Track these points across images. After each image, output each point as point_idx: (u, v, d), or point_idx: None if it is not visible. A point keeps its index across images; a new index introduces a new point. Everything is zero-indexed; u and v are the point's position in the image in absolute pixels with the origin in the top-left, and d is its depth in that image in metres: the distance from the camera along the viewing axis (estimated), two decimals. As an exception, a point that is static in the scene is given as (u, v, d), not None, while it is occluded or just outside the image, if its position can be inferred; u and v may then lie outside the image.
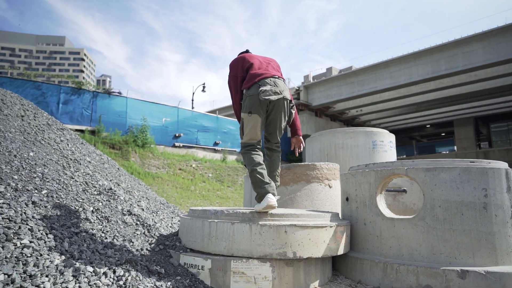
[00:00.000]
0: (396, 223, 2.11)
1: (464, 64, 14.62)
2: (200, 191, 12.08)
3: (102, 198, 2.66)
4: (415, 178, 2.08)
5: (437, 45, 15.34)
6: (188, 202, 10.49)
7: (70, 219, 2.05)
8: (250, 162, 2.29)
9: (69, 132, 4.10)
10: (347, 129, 4.33)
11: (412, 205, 3.10)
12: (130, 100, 14.29)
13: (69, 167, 2.95)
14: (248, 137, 2.39)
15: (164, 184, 11.77)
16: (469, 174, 1.98)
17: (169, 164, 13.65)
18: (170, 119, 15.45)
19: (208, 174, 14.36)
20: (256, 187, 2.20)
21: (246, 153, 2.36)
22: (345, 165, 4.13)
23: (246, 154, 2.36)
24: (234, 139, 18.32)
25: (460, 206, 1.96)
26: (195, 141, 16.29)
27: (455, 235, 1.94)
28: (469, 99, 19.38)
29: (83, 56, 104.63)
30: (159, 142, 14.66)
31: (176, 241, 2.21)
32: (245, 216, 1.99)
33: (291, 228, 1.90)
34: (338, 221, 2.19)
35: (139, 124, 13.78)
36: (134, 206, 2.96)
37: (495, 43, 14.05)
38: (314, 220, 2.04)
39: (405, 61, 16.48)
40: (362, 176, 2.35)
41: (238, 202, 11.67)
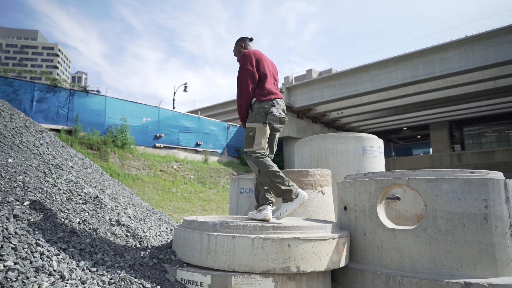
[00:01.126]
0: (397, 234, 2.09)
1: (441, 70, 15.10)
2: (182, 193, 11.84)
3: (88, 207, 2.50)
4: (417, 189, 2.07)
5: (416, 51, 15.77)
6: (170, 204, 10.25)
7: (56, 233, 1.90)
8: (267, 166, 2.35)
9: (48, 135, 3.87)
10: (337, 134, 4.32)
11: (405, 212, 3.11)
12: (109, 99, 13.84)
13: (50, 174, 2.76)
14: (259, 146, 2.41)
15: (145, 186, 11.46)
16: (470, 185, 1.99)
17: (149, 166, 13.31)
18: (150, 119, 15.09)
19: (189, 176, 14.12)
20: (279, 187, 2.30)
21: (260, 158, 2.38)
22: (336, 170, 4.12)
23: (259, 159, 2.38)
24: (216, 140, 18.14)
25: (462, 217, 1.96)
26: (176, 141, 15.99)
27: (457, 246, 1.94)
28: (444, 104, 20.07)
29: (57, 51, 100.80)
30: (139, 143, 14.28)
31: (171, 254, 2.09)
32: (246, 229, 1.90)
33: (295, 242, 1.84)
34: (339, 232, 2.14)
35: (119, 124, 13.36)
36: (122, 214, 2.81)
37: (470, 51, 14.60)
38: (317, 232, 1.98)
39: (386, 66, 16.85)
40: (361, 186, 2.32)
41: (221, 204, 11.53)
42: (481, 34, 14.29)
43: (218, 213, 10.38)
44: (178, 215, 9.26)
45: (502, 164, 20.98)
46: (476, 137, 26.58)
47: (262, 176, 2.37)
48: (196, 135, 17.04)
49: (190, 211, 9.92)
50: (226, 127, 19.09)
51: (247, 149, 2.43)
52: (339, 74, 18.42)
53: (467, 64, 14.52)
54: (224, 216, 2.79)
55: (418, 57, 15.82)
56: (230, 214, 5.89)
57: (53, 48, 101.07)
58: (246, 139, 2.45)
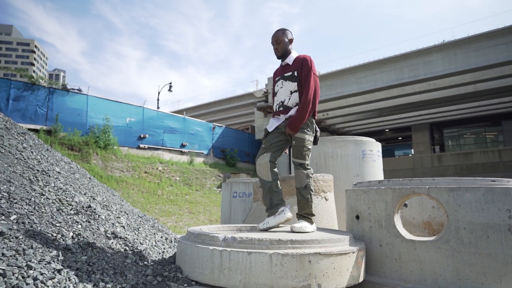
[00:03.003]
0: (417, 245, 1.99)
1: (425, 73, 15.39)
2: (167, 196, 11.53)
3: (81, 218, 2.28)
4: (438, 198, 1.98)
5: (401, 54, 16.02)
6: (156, 207, 9.95)
7: (48, 250, 1.69)
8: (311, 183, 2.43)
9: (31, 137, 3.59)
10: (336, 138, 4.23)
11: (412, 219, 3.04)
12: (91, 98, 13.34)
13: (37, 181, 2.52)
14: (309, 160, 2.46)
15: (129, 188, 11.09)
16: (493, 195, 1.91)
17: (133, 167, 12.91)
18: (134, 119, 14.66)
19: (175, 178, 13.80)
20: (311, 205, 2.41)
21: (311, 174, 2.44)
22: (335, 175, 4.02)
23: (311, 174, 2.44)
24: (201, 141, 17.86)
25: (486, 228, 1.87)
26: (161, 142, 15.62)
27: (481, 259, 1.85)
28: (427, 106, 20.51)
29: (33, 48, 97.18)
30: (123, 144, 13.85)
31: (177, 271, 1.91)
32: (263, 243, 1.75)
33: (316, 257, 1.70)
34: (357, 244, 2.02)
35: (101, 124, 12.90)
36: (116, 225, 2.60)
37: (453, 55, 14.95)
38: (336, 246, 1.85)
39: (371, 68, 17.03)
40: (377, 194, 2.21)
41: (208, 207, 11.31)
42: (463, 39, 14.65)
43: (206, 216, 10.15)
44: (165, 218, 8.98)
45: (479, 165, 21.63)
46: (455, 139, 27.36)
47: (306, 191, 2.37)
48: (181, 135, 16.71)
49: (177, 214, 9.65)
50: (212, 127, 18.84)
51: (300, 160, 2.39)
52: (325, 75, 18.50)
53: (450, 68, 14.86)
54: (227, 226, 2.63)
55: (402, 60, 16.07)
56: (223, 219, 5.71)
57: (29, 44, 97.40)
58: (297, 149, 2.39)
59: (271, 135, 2.50)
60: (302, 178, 2.38)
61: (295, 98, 2.48)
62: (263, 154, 2.43)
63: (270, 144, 2.45)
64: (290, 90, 2.48)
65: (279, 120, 2.54)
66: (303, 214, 2.39)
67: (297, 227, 2.20)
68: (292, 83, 2.48)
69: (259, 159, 2.44)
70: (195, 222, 9.11)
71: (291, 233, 2.16)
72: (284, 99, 2.50)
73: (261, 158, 2.43)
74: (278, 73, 2.65)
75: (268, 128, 2.55)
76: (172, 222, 8.62)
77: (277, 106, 2.56)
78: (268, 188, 2.40)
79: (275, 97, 2.62)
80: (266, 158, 2.40)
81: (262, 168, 2.42)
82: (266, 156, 2.41)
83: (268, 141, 2.47)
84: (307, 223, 2.30)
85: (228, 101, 25.75)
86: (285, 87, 2.52)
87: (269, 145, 2.44)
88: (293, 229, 2.20)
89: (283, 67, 2.59)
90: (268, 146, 2.44)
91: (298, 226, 2.22)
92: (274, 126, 2.51)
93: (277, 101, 2.58)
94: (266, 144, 2.46)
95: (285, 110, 2.50)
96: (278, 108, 2.55)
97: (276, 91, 2.62)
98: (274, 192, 2.41)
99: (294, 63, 2.50)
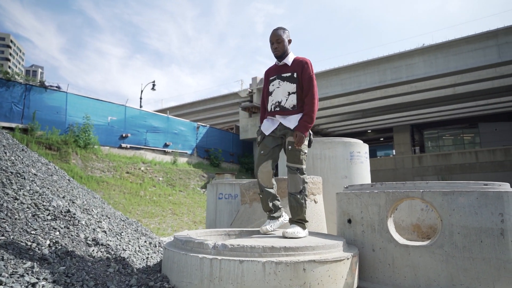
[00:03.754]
0: (411, 250, 1.95)
1: (407, 76, 15.70)
2: (150, 197, 11.28)
3: (59, 224, 2.13)
4: (432, 202, 1.95)
5: (384, 56, 16.28)
6: (138, 209, 9.69)
7: (22, 262, 1.55)
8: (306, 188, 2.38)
9: (5, 136, 3.38)
10: (325, 139, 4.19)
11: (401, 222, 3.02)
12: (70, 96, 12.89)
13: (10, 184, 2.34)
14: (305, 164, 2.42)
15: (110, 189, 10.76)
16: (486, 199, 1.89)
17: (115, 167, 12.56)
18: (116, 117, 14.27)
19: (158, 178, 13.53)
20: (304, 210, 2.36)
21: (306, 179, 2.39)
22: (324, 176, 3.98)
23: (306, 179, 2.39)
24: (185, 141, 17.60)
25: (479, 233, 1.86)
26: (143, 142, 15.28)
27: (475, 264, 1.83)
28: (408, 108, 20.94)
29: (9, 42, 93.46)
30: (104, 143, 13.46)
31: (163, 281, 1.80)
32: (255, 251, 1.67)
33: (310, 265, 1.63)
34: (351, 250, 1.97)
35: (81, 122, 12.49)
36: (97, 230, 2.46)
37: (434, 58, 15.31)
38: (331, 252, 1.79)
39: (355, 70, 17.24)
40: (370, 198, 2.17)
41: (192, 208, 11.12)
42: (444, 43, 15.02)
43: (190, 217, 9.98)
44: (148, 220, 8.76)
45: (457, 166, 22.29)
46: (435, 140, 28.10)
47: (301, 196, 2.33)
48: (165, 135, 16.41)
49: (160, 216, 9.44)
50: (196, 127, 18.60)
51: (298, 165, 2.34)
52: (310, 76, 18.58)
53: (431, 70, 15.21)
54: (215, 231, 2.53)
55: (385, 63, 16.33)
56: (208, 221, 5.59)
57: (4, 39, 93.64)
58: (294, 153, 2.33)
59: (267, 139, 2.45)
60: (298, 183, 2.33)
61: (292, 99, 2.42)
62: (265, 162, 2.39)
63: (269, 151, 2.40)
64: (288, 91, 2.42)
65: (274, 122, 2.48)
66: (296, 220, 2.33)
67: (290, 233, 2.14)
68: (291, 84, 2.42)
69: (262, 167, 2.40)
70: (178, 223, 8.93)
71: (283, 238, 2.09)
72: (281, 100, 2.44)
73: (264, 166, 2.39)
74: (272, 72, 2.57)
75: (264, 131, 2.48)
76: (155, 224, 8.41)
77: (273, 106, 2.48)
78: (272, 196, 2.44)
79: (270, 96, 2.53)
80: (269, 166, 2.40)
81: (266, 176, 2.41)
82: (268, 163, 2.39)
83: (267, 147, 2.42)
84: (300, 228, 2.24)
85: (213, 101, 25.52)
86: (282, 87, 2.45)
87: (269, 151, 2.40)
88: (285, 235, 2.13)
89: (280, 67, 2.52)
90: (268, 152, 2.40)
91: (290, 231, 2.15)
92: (270, 130, 2.45)
93: (272, 100, 2.50)
94: (266, 150, 2.41)
95: (281, 111, 2.43)
96: (274, 108, 2.47)
97: (271, 91, 2.53)
98: (277, 198, 2.48)
99: (293, 64, 2.45)
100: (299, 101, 2.40)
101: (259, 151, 2.45)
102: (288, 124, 2.37)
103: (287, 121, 2.38)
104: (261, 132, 2.50)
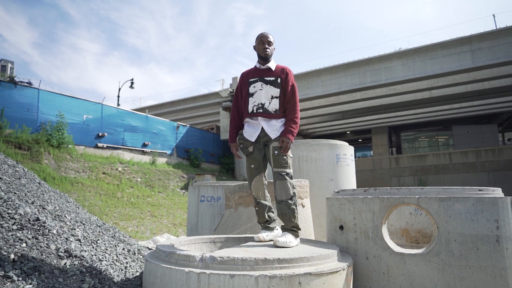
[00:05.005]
0: (407, 259, 1.89)
1: (386, 78, 16.01)
2: (128, 198, 10.89)
3: (26, 235, 1.92)
4: (428, 209, 1.89)
5: (364, 59, 16.53)
6: (115, 211, 9.32)
7: (-20, 282, 1.35)
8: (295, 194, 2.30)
9: (-33, 135, 3.08)
10: (311, 141, 4.12)
11: (390, 226, 2.98)
12: (43, 92, 12.27)
13: (-29, 190, 2.11)
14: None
15: (86, 190, 10.31)
16: (482, 205, 1.85)
17: (90, 168, 12.06)
18: (92, 116, 13.73)
19: (136, 179, 13.11)
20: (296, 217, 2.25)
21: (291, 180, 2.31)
22: (310, 179, 3.90)
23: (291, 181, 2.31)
24: (164, 141, 17.20)
25: (476, 240, 1.81)
26: (121, 141, 14.79)
27: (471, 272, 1.78)
28: (386, 110, 21.41)
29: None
30: (79, 142, 12.91)
31: (144, 297, 1.64)
32: (247, 263, 1.54)
33: (306, 278, 1.52)
34: (345, 259, 1.88)
35: (54, 120, 11.91)
36: (70, 240, 2.25)
37: (412, 62, 15.69)
38: (326, 262, 1.69)
39: (336, 71, 17.41)
40: (363, 203, 2.09)
41: (171, 210, 10.83)
42: (421, 47, 15.42)
43: (169, 219, 9.70)
44: (125, 223, 8.43)
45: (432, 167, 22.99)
46: (411, 142, 28.90)
47: (293, 202, 2.25)
48: (143, 134, 15.95)
49: (138, 218, 9.11)
50: (176, 127, 18.22)
51: (286, 169, 2.28)
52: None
53: (409, 74, 15.58)
54: (200, 238, 2.38)
55: (365, 65, 16.59)
56: (189, 225, 5.41)
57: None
58: (281, 158, 2.28)
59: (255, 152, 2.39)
60: (288, 189, 2.26)
61: (275, 104, 2.41)
62: (257, 176, 2.37)
63: (259, 164, 2.38)
64: (272, 95, 2.41)
65: (256, 127, 2.41)
66: (290, 228, 2.22)
67: (281, 242, 2.03)
68: (274, 89, 2.41)
69: (255, 182, 2.38)
70: (157, 226, 8.65)
71: (274, 248, 1.97)
72: (264, 102, 2.41)
73: (257, 180, 2.37)
74: (253, 74, 2.53)
75: (248, 138, 2.40)
76: (133, 227, 8.11)
77: (255, 107, 2.42)
78: (268, 207, 2.39)
79: (251, 98, 2.46)
80: (262, 179, 2.38)
81: (260, 190, 2.38)
82: (261, 177, 2.38)
83: (257, 160, 2.39)
84: (292, 237, 2.14)
85: (193, 100, 25.14)
86: (265, 90, 2.43)
87: (259, 164, 2.38)
88: (277, 244, 2.02)
89: (262, 71, 2.50)
90: (258, 166, 2.38)
91: (282, 240, 2.04)
92: (255, 136, 2.39)
93: (254, 102, 2.45)
94: (256, 164, 2.38)
95: (265, 114, 2.39)
96: (257, 110, 2.41)
97: (252, 92, 2.47)
98: (271, 210, 2.43)
99: (277, 70, 2.47)
100: (281, 107, 2.41)
101: (249, 164, 2.41)
102: (270, 133, 2.35)
103: (269, 128, 2.36)
104: (246, 139, 2.40)
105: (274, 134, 2.32)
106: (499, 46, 14.02)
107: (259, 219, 2.42)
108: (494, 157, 20.78)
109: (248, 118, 2.43)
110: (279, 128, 2.34)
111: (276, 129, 2.34)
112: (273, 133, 2.32)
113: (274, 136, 2.31)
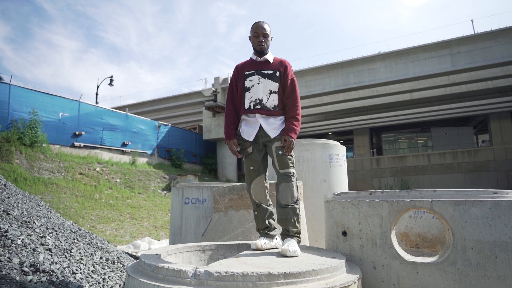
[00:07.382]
0: (419, 268, 1.72)
1: (369, 80, 16.15)
2: (106, 200, 10.41)
3: (-16, 247, 1.63)
4: (442, 213, 1.73)
5: (348, 60, 16.63)
6: (92, 213, 8.86)
7: None
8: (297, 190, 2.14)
9: None
10: (303, 141, 3.95)
11: (388, 230, 2.83)
12: (14, 88, 11.59)
13: None
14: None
15: (61, 192, 9.77)
16: (499, 209, 1.71)
17: (66, 168, 11.48)
18: (68, 114, 13.11)
19: (115, 180, 12.60)
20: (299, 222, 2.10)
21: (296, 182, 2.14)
22: (301, 180, 3.73)
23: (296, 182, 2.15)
24: (145, 140, 16.69)
25: (493, 247, 1.67)
26: (99, 141, 14.22)
27: (490, 282, 1.64)
28: (368, 112, 21.67)
29: None
30: (54, 141, 12.28)
31: (126, 320, 1.40)
32: (248, 279, 1.32)
33: (316, 295, 1.32)
34: (353, 269, 1.69)
35: (27, 118, 11.26)
36: (39, 250, 1.96)
37: (394, 64, 15.91)
38: (335, 275, 1.50)
39: (320, 72, 17.44)
40: (370, 207, 1.91)
41: (152, 212, 10.43)
42: (403, 50, 15.65)
43: (150, 222, 9.32)
44: (103, 226, 8.00)
45: (412, 168, 23.45)
46: (391, 143, 29.43)
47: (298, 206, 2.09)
48: (123, 134, 15.41)
49: (117, 221, 8.70)
50: (157, 126, 17.74)
51: (291, 169, 2.11)
52: (276, 77, 18.51)
53: (391, 76, 15.77)
54: (188, 246, 2.14)
55: (349, 66, 16.69)
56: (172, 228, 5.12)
57: None
58: (285, 157, 2.10)
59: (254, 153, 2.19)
60: (293, 192, 2.08)
61: (274, 99, 2.21)
62: (257, 177, 2.17)
63: (259, 165, 2.18)
64: (270, 90, 2.21)
65: (254, 126, 2.21)
66: (294, 234, 2.03)
67: (292, 251, 1.83)
68: (273, 83, 2.21)
69: (254, 184, 2.18)
70: (138, 229, 8.28)
71: (275, 258, 1.77)
72: (262, 98, 2.20)
73: (256, 182, 2.17)
74: (249, 67, 2.31)
75: (246, 138, 2.19)
76: (112, 230, 7.71)
77: (252, 103, 2.21)
78: (269, 213, 2.18)
79: (247, 92, 2.25)
80: (262, 181, 2.19)
81: (260, 193, 2.18)
82: (261, 178, 2.18)
83: (256, 161, 2.18)
84: (297, 245, 1.95)
85: (175, 99, 24.60)
86: (263, 84, 2.22)
87: (258, 166, 2.18)
88: (287, 254, 1.82)
89: (258, 63, 2.28)
90: (258, 167, 2.17)
91: (291, 249, 1.84)
92: (253, 135, 2.18)
93: (251, 97, 2.23)
94: (255, 165, 2.17)
95: (263, 110, 2.19)
96: (254, 106, 2.20)
97: (249, 86, 2.25)
98: (273, 216, 2.22)
99: (275, 62, 2.27)
100: (280, 102, 2.22)
101: (248, 166, 2.20)
102: (269, 132, 2.15)
103: (268, 126, 2.17)
104: (244, 140, 2.19)
105: (273, 133, 2.13)
106: (477, 51, 14.40)
107: (258, 225, 2.20)
108: (470, 158, 21.40)
109: (244, 115, 2.22)
110: (279, 126, 2.16)
111: (275, 128, 2.14)
112: (272, 132, 2.13)
113: (274, 135, 2.12)
